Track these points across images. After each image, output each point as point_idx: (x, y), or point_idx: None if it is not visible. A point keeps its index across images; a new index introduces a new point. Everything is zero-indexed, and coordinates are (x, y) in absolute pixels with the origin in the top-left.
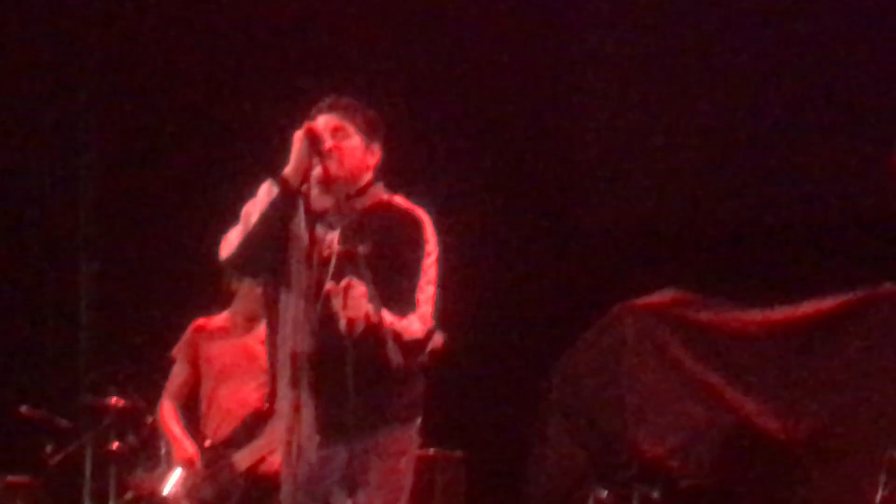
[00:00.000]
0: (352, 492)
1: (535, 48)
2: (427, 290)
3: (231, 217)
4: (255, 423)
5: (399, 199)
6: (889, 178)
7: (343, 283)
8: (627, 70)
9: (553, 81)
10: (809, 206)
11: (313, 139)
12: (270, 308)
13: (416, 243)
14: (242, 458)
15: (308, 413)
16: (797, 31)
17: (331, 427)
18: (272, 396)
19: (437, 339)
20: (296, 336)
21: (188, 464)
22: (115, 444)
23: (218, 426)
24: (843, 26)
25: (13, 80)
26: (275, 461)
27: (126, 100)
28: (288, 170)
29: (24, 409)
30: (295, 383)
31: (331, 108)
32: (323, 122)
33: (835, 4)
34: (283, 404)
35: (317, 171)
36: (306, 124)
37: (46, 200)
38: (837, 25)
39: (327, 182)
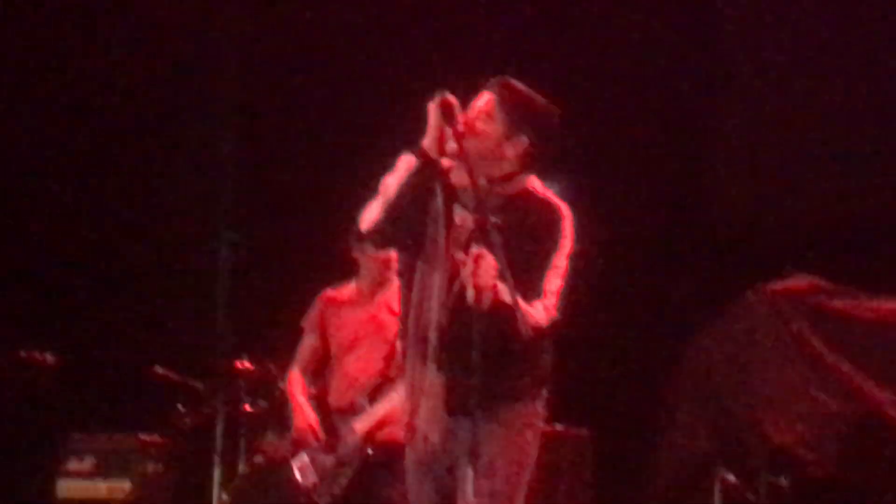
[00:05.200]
0: (475, 465)
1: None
2: (555, 282)
3: (364, 191)
4: (376, 391)
5: (545, 191)
6: None
7: (473, 252)
8: (764, 67)
9: (692, 74)
10: None
11: (445, 110)
12: (405, 280)
13: (554, 236)
14: (361, 424)
15: (435, 385)
16: None
17: (456, 399)
18: (395, 365)
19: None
20: (428, 308)
21: (308, 433)
22: (246, 408)
23: (342, 395)
24: None
25: None
26: (397, 430)
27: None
28: (425, 140)
29: (158, 369)
30: (424, 355)
31: (493, 88)
32: (483, 99)
33: None
34: (411, 376)
35: (451, 145)
36: (439, 94)
37: (186, 165)
38: None
39: (459, 158)
